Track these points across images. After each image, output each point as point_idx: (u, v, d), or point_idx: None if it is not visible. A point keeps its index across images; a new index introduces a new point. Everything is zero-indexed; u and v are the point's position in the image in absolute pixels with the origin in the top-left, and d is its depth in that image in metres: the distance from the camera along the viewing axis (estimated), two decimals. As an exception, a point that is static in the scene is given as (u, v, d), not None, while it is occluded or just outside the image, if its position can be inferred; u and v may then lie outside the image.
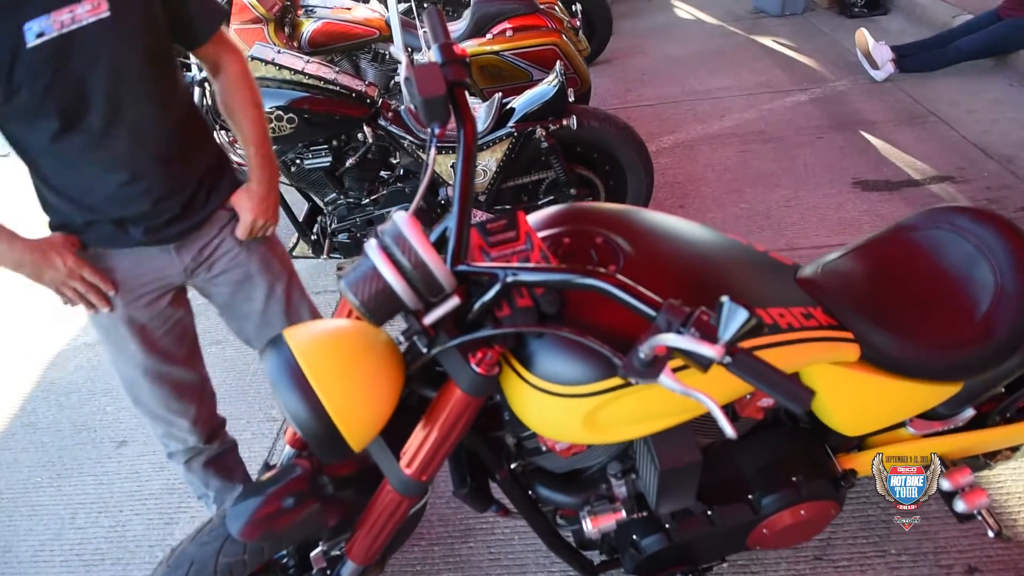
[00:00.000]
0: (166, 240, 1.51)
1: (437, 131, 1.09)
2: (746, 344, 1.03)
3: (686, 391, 0.85)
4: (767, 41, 5.46)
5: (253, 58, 2.56)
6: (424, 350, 1.01)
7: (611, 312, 0.97)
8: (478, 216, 2.70)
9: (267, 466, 1.52)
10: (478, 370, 0.99)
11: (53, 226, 1.47)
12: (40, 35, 1.22)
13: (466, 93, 1.15)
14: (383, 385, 1.02)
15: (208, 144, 1.58)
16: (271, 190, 1.62)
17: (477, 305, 1.00)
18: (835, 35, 5.40)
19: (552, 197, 2.85)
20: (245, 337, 1.79)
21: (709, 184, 3.56)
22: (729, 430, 0.84)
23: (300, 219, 3.00)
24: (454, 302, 0.97)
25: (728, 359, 0.81)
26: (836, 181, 3.42)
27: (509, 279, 0.97)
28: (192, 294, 1.71)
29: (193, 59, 2.67)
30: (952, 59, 4.35)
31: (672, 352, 0.84)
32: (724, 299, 0.79)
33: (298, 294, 1.78)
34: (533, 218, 1.23)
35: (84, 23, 1.25)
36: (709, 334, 0.82)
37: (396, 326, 0.98)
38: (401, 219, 0.94)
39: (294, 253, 3.06)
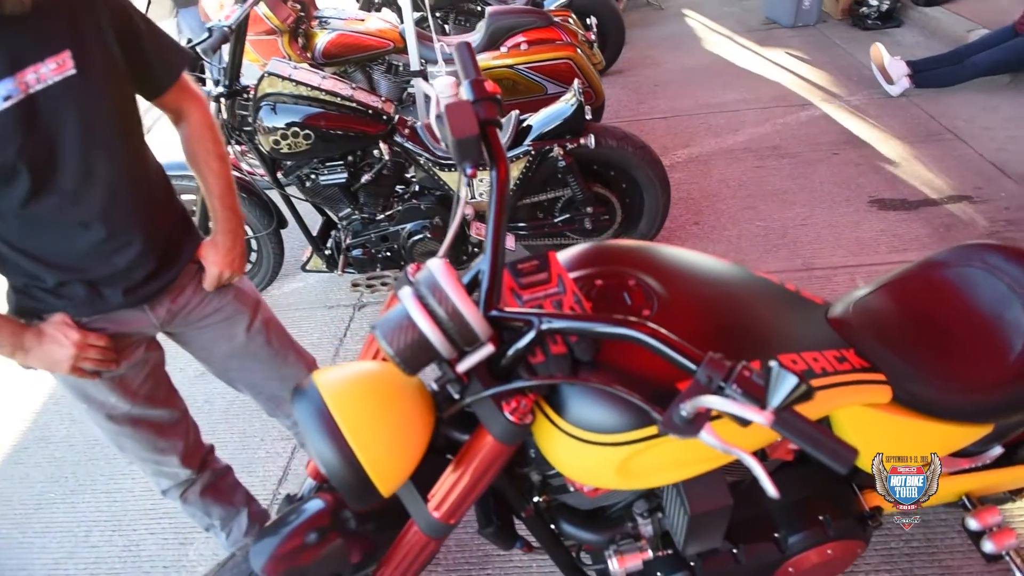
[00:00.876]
0: (143, 300, 1.48)
1: (469, 171, 1.08)
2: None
3: (727, 449, 0.83)
4: (780, 53, 5.43)
5: (270, 74, 2.56)
6: (457, 396, 1.00)
7: (647, 357, 0.95)
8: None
9: (289, 499, 1.51)
10: (511, 419, 0.97)
11: (16, 288, 1.41)
12: (7, 98, 1.17)
13: (498, 131, 1.14)
14: (414, 431, 1.01)
15: (174, 198, 1.56)
16: (236, 242, 1.60)
17: (511, 352, 0.98)
18: (849, 47, 5.36)
19: (568, 215, 2.83)
20: (228, 378, 1.78)
21: (724, 200, 3.54)
22: (772, 490, 0.82)
23: (314, 233, 2.99)
24: (488, 350, 0.95)
25: (775, 417, 0.79)
26: (852, 199, 3.40)
27: (544, 327, 0.95)
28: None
29: (209, 71, 2.68)
30: (968, 75, 4.32)
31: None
32: (773, 364, 0.77)
33: (274, 321, 1.77)
34: (563, 257, 1.22)
35: (50, 82, 1.21)
36: (753, 392, 0.80)
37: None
38: (436, 266, 0.93)
39: (307, 267, 3.05)
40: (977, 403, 1.28)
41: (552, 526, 1.38)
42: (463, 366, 0.96)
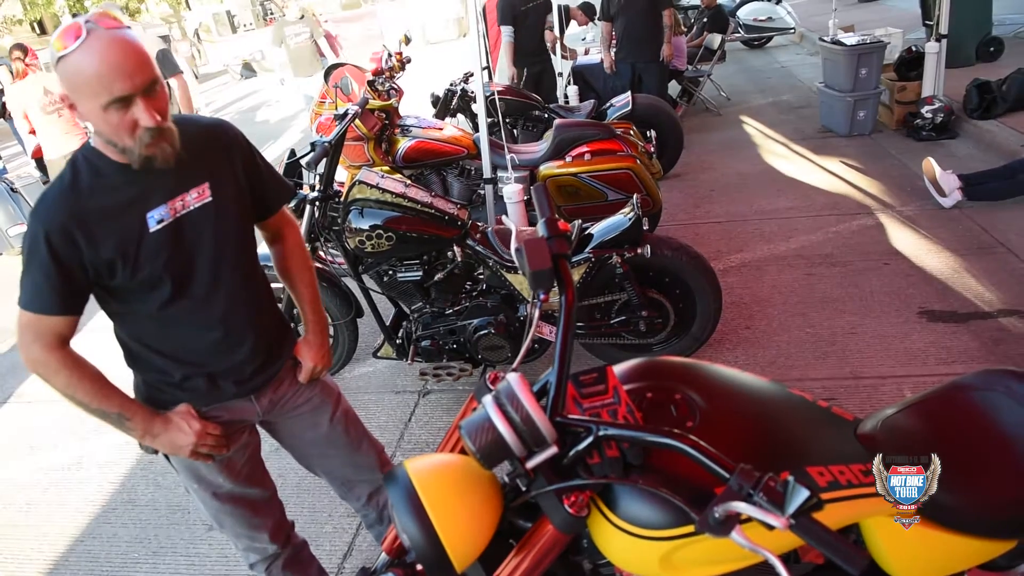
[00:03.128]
0: (251, 391, 1.73)
1: (542, 297, 1.29)
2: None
3: (754, 548, 0.99)
4: (834, 162, 5.63)
5: (360, 182, 2.87)
6: (524, 489, 1.18)
7: (689, 464, 1.12)
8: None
9: (364, 571, 1.68)
10: (570, 511, 1.14)
11: (148, 382, 1.67)
12: (160, 221, 1.48)
13: (567, 263, 1.35)
14: (486, 516, 1.19)
15: (275, 304, 1.84)
16: (324, 339, 1.89)
17: (572, 453, 1.16)
18: (903, 158, 5.51)
19: (623, 317, 3.02)
20: (308, 463, 2.01)
21: (775, 306, 3.68)
22: (790, 587, 0.97)
23: (387, 323, 3.24)
24: (553, 450, 1.14)
25: (792, 522, 0.95)
26: (902, 309, 3.49)
27: (601, 433, 1.14)
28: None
29: (305, 179, 3.01)
30: (1020, 190, 4.41)
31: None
32: (790, 479, 0.93)
33: (352, 412, 2.01)
34: (619, 370, 1.40)
35: (192, 208, 1.52)
36: (776, 501, 0.96)
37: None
38: (514, 380, 1.13)
39: (379, 354, 3.28)
40: (997, 520, 1.39)
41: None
42: (531, 463, 1.14)
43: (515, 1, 6.06)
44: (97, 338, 2.07)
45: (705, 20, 8.39)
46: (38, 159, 9.05)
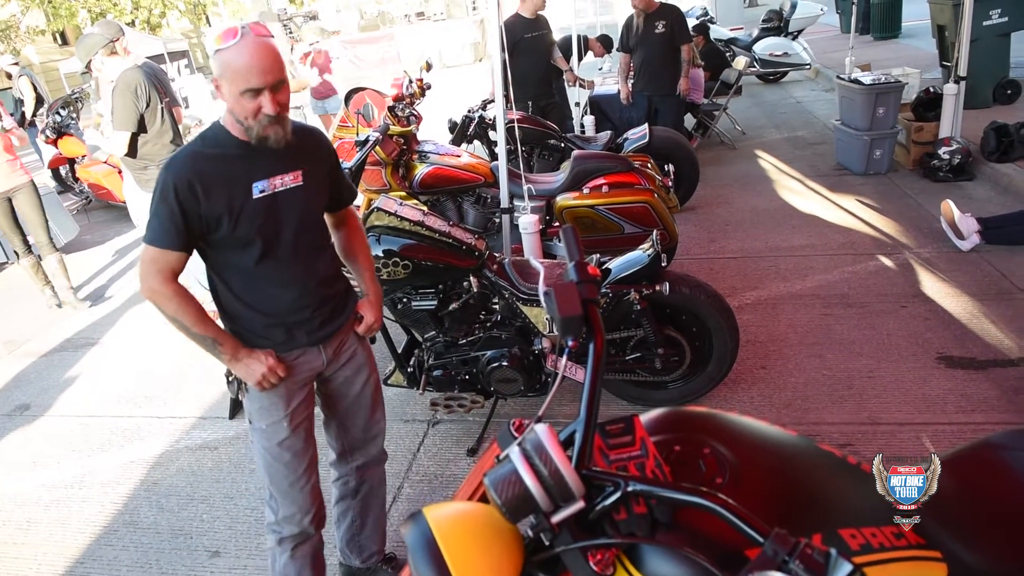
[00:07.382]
0: (319, 340, 2.05)
1: (571, 343, 1.27)
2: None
3: (788, 618, 0.95)
4: (850, 200, 5.60)
5: (379, 209, 2.86)
6: (547, 544, 1.14)
7: (719, 523, 1.08)
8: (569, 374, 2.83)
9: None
10: (595, 569, 1.10)
11: (235, 330, 1.98)
12: (262, 191, 1.85)
13: (598, 309, 1.32)
14: (505, 568, 1.15)
15: (340, 270, 2.17)
16: (380, 301, 2.28)
17: (598, 508, 1.13)
18: (919, 198, 5.48)
19: (639, 354, 2.98)
20: (332, 417, 2.27)
21: (791, 346, 3.64)
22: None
23: (399, 351, 3.21)
24: (579, 505, 1.10)
25: (831, 594, 0.91)
26: (920, 354, 3.44)
27: (629, 488, 1.10)
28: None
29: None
30: (1039, 236, 4.39)
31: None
32: (832, 551, 0.90)
33: (380, 381, 2.35)
34: (646, 420, 1.37)
35: (287, 187, 1.90)
36: (813, 570, 0.92)
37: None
38: (542, 431, 1.10)
39: (389, 382, 3.25)
40: (1031, 587, 1.34)
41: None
42: (557, 518, 1.11)
43: (516, 28, 5.99)
44: (107, 352, 2.05)
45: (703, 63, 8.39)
46: (54, 169, 9.13)
